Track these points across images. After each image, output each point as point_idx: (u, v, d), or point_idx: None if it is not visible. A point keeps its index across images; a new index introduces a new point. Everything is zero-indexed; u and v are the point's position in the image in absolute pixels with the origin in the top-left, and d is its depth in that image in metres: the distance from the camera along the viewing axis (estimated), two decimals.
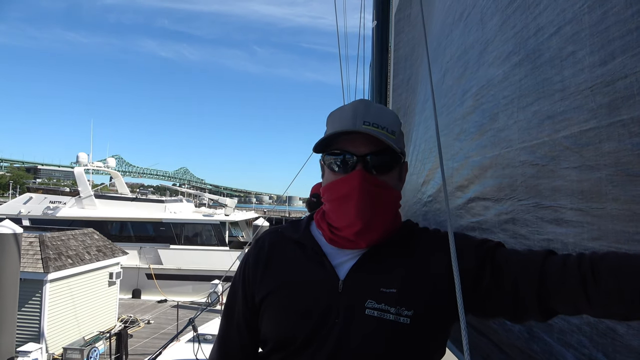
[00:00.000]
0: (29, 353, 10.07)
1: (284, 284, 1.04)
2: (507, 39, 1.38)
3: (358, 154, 0.98)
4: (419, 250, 1.02)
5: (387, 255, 1.01)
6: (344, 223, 1.00)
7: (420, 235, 1.07)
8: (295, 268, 1.04)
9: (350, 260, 1.01)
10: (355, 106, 1.02)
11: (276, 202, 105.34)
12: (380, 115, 1.01)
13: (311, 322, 0.97)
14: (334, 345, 0.94)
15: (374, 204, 0.98)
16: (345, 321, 0.95)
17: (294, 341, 0.98)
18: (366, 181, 0.97)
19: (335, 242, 1.03)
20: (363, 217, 0.97)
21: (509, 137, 1.38)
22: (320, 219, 1.08)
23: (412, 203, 2.96)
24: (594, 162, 0.96)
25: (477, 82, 1.67)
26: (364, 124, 0.97)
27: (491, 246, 0.96)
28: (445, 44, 2.22)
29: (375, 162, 0.99)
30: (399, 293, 0.95)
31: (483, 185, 1.63)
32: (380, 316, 0.94)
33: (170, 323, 15.65)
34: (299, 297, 1.01)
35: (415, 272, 0.99)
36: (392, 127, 1.01)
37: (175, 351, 7.55)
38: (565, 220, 1.09)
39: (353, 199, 0.97)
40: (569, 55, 1.03)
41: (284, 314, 1.01)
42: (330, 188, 1.02)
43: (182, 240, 22.28)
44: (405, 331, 0.93)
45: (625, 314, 0.75)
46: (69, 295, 12.77)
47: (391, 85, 4.22)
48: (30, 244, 12.34)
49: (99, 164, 28.75)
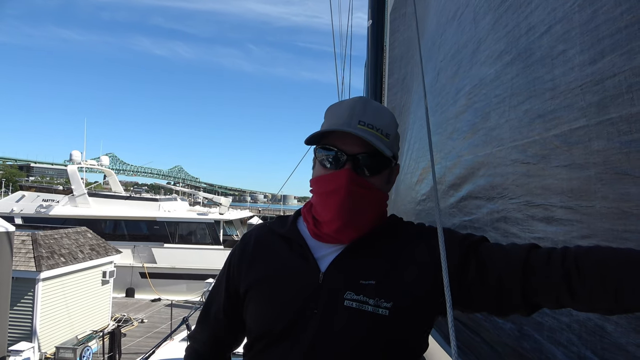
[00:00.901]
0: (21, 352, 10.01)
1: (267, 276, 1.06)
2: (499, 38, 1.39)
3: (349, 153, 0.99)
4: (401, 244, 1.03)
5: (369, 248, 1.02)
6: (326, 218, 1.02)
7: (403, 229, 1.08)
8: (279, 261, 1.06)
9: (333, 253, 1.03)
10: (354, 104, 1.03)
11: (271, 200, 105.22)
12: (378, 116, 1.02)
13: (291, 313, 0.99)
14: (313, 335, 0.96)
15: (357, 204, 0.99)
16: (324, 312, 0.97)
17: (274, 331, 1.00)
18: (353, 181, 0.98)
19: (319, 237, 1.05)
20: (343, 216, 0.99)
21: (500, 136, 1.39)
22: (307, 212, 1.10)
23: (407, 202, 2.96)
24: (584, 161, 0.97)
25: (469, 80, 1.68)
26: (359, 123, 0.99)
27: (475, 241, 0.97)
28: (440, 43, 2.22)
29: (365, 163, 1.00)
30: (378, 285, 0.96)
31: (475, 184, 1.64)
32: (359, 307, 0.95)
33: (164, 322, 15.60)
34: (280, 289, 1.03)
35: (395, 265, 1.00)
36: (387, 129, 1.02)
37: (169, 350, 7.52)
38: (556, 218, 1.10)
39: (337, 197, 0.99)
40: (560, 54, 1.04)
41: (266, 305, 1.04)
42: (318, 182, 1.04)
43: (176, 239, 22.19)
44: (384, 322, 0.94)
45: (608, 308, 0.76)
46: (62, 294, 12.69)
47: (386, 84, 4.23)
48: (22, 242, 12.25)
49: (92, 162, 28.59)
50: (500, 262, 0.90)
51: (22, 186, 26.59)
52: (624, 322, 0.88)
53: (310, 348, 0.96)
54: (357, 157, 0.99)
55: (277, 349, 1.00)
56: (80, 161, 26.03)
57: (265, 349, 1.02)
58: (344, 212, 0.98)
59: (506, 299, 0.89)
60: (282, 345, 0.99)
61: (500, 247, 0.95)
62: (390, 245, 1.03)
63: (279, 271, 1.05)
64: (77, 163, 25.53)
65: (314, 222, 1.06)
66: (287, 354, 0.98)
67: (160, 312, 17.52)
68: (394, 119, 1.07)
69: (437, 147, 2.11)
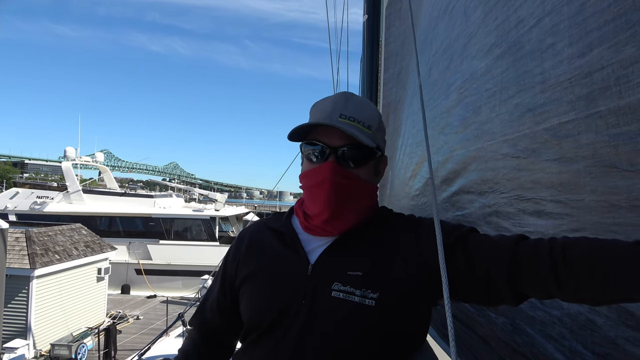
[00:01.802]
0: (15, 349, 9.99)
1: (259, 270, 1.10)
2: (489, 32, 1.39)
3: (332, 146, 1.02)
4: (389, 235, 1.05)
5: (358, 239, 1.04)
6: (315, 211, 1.05)
7: (392, 221, 1.09)
8: (271, 255, 1.10)
9: (323, 246, 1.05)
10: (336, 99, 1.06)
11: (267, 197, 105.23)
12: (359, 109, 1.05)
13: (280, 304, 1.02)
14: (302, 326, 0.99)
15: (343, 195, 1.02)
16: (312, 302, 0.99)
17: (265, 322, 1.03)
18: (337, 173, 1.01)
19: (309, 230, 1.08)
20: (330, 208, 1.01)
21: (491, 130, 1.39)
22: (298, 207, 1.14)
23: (401, 197, 2.96)
24: (573, 154, 0.97)
25: (461, 75, 1.67)
26: (340, 117, 1.02)
27: (463, 231, 0.97)
28: (432, 37, 2.22)
29: (348, 155, 1.02)
30: (365, 276, 0.98)
31: (467, 178, 1.64)
32: (346, 298, 0.97)
33: (160, 318, 15.60)
34: (271, 282, 1.06)
35: (383, 256, 1.01)
36: (369, 121, 1.05)
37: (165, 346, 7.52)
38: (546, 212, 1.10)
39: (323, 189, 1.01)
40: (549, 47, 1.04)
41: (257, 297, 1.07)
42: (305, 176, 1.08)
43: (171, 235, 22.14)
44: (370, 313, 0.95)
45: (594, 298, 0.76)
46: (57, 291, 12.65)
47: (382, 79, 4.22)
48: (16, 239, 12.20)
49: (87, 159, 28.45)
50: (488, 253, 0.91)
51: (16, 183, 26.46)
52: (614, 316, 0.88)
53: (299, 338, 0.98)
54: (340, 150, 1.02)
55: (268, 339, 1.02)
56: (74, 158, 25.90)
57: (257, 339, 1.05)
58: (330, 204, 1.01)
59: (494, 290, 0.90)
60: (273, 336, 1.02)
61: (489, 238, 0.96)
62: (379, 237, 1.05)
63: (270, 264, 1.08)
64: (72, 159, 25.40)
65: (304, 216, 1.09)
66: (277, 344, 1.00)
67: (155, 309, 17.51)
68: (376, 112, 1.10)
69: (429, 141, 2.11)
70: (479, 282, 0.91)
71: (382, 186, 3.83)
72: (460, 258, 0.93)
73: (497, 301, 0.93)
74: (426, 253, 0.97)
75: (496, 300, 0.93)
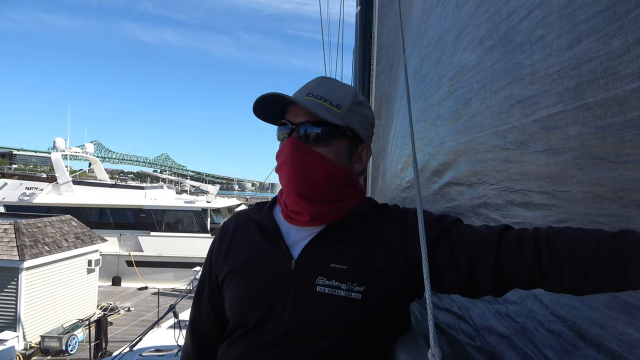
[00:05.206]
0: (5, 341, 9.94)
1: (240, 265, 1.07)
2: (480, 24, 1.39)
3: (294, 122, 1.02)
4: (373, 226, 1.03)
5: (341, 232, 1.03)
6: (285, 192, 1.05)
7: (378, 212, 1.08)
8: (253, 249, 1.07)
9: (306, 239, 1.03)
10: (311, 81, 1.07)
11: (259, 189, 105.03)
12: (330, 89, 1.05)
13: (265, 301, 1.00)
14: (288, 322, 0.97)
15: (305, 172, 1.00)
16: (297, 299, 0.97)
17: (250, 320, 1.01)
18: (296, 149, 1.00)
19: (289, 218, 1.06)
20: (294, 184, 1.01)
21: (481, 122, 1.40)
22: (280, 196, 1.11)
23: (392, 189, 2.97)
24: (561, 146, 0.98)
25: (452, 67, 1.68)
26: (307, 95, 1.03)
27: (448, 222, 0.97)
28: (424, 30, 2.22)
29: (311, 131, 1.01)
30: (350, 269, 0.97)
31: (457, 170, 1.65)
32: (332, 293, 0.95)
33: (151, 310, 15.58)
34: (253, 278, 1.04)
35: (368, 248, 1.00)
36: (338, 100, 1.04)
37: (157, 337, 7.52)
38: (534, 203, 1.11)
39: (286, 166, 1.01)
40: (538, 39, 1.04)
41: (240, 294, 1.05)
42: (276, 158, 1.06)
43: (162, 227, 22.06)
44: (357, 307, 0.94)
45: (578, 288, 0.77)
46: (47, 283, 12.57)
47: (374, 72, 4.21)
48: (4, 230, 12.08)
49: (77, 150, 28.17)
50: (472, 244, 0.90)
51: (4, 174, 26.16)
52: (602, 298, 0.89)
53: (286, 335, 0.97)
54: (302, 126, 1.01)
55: (253, 338, 1.01)
56: (64, 149, 25.61)
57: (241, 337, 1.03)
58: (292, 180, 1.01)
59: (477, 281, 0.89)
60: (259, 333, 1.00)
61: (473, 228, 0.95)
62: (363, 229, 1.03)
63: (252, 260, 1.06)
64: (61, 150, 25.13)
65: (284, 204, 1.07)
66: (263, 342, 0.99)
67: (147, 300, 17.48)
68: (351, 94, 1.07)
69: (421, 133, 2.12)
70: (463, 273, 0.90)
71: (374, 178, 3.84)
72: (443, 249, 0.92)
73: (481, 292, 0.93)
74: (411, 244, 0.97)
75: (480, 291, 0.92)
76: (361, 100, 1.09)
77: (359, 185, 1.13)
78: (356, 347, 0.97)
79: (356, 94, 1.09)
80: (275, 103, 1.04)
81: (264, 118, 1.07)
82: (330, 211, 1.04)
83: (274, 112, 1.06)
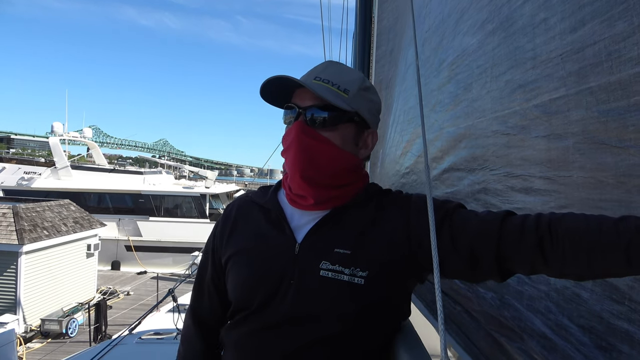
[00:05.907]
0: (5, 324, 10.01)
1: (244, 248, 1.07)
2: (482, 7, 1.37)
3: (301, 106, 1.01)
4: (377, 211, 1.03)
5: (345, 217, 1.02)
6: (290, 175, 1.04)
7: (381, 197, 1.07)
8: (257, 232, 1.07)
9: (310, 223, 1.03)
10: (319, 65, 1.06)
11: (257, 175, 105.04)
12: (338, 73, 1.04)
13: (268, 285, 1.00)
14: (290, 306, 0.97)
15: (311, 156, 1.00)
16: (301, 283, 0.97)
17: (253, 303, 1.01)
18: (303, 132, 0.99)
19: (294, 202, 1.06)
20: (299, 168, 1.00)
21: (482, 107, 1.38)
22: (285, 179, 1.10)
23: (391, 175, 2.97)
24: (562, 131, 0.97)
25: (452, 51, 1.66)
26: (315, 79, 1.01)
27: (450, 207, 0.96)
28: (425, 14, 2.19)
29: (318, 115, 1.00)
30: (354, 254, 0.97)
31: (457, 156, 1.64)
32: (335, 277, 0.95)
33: (150, 294, 15.67)
34: (257, 261, 1.04)
35: (371, 233, 1.00)
36: (346, 85, 1.02)
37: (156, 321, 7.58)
38: (534, 189, 1.10)
39: (292, 150, 1.01)
40: (541, 22, 1.02)
41: (243, 277, 1.04)
42: (282, 142, 1.06)
43: (161, 212, 22.09)
44: (360, 291, 0.95)
45: (579, 273, 0.77)
46: (46, 267, 12.62)
47: (374, 56, 4.17)
48: (3, 215, 12.09)
49: (75, 134, 28.06)
50: (475, 229, 0.90)
51: (2, 158, 26.06)
52: (599, 290, 0.89)
53: (289, 319, 0.97)
54: (309, 110, 1.00)
55: (256, 320, 1.01)
56: (62, 133, 25.52)
57: (244, 320, 1.03)
58: (298, 164, 1.00)
59: (480, 266, 0.89)
60: (261, 316, 1.00)
61: (476, 214, 0.94)
62: (367, 214, 1.03)
63: (256, 243, 1.06)
64: (59, 135, 25.03)
65: (289, 187, 1.06)
66: (266, 325, 0.99)
67: (146, 285, 17.58)
68: (359, 78, 1.06)
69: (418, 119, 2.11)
70: (465, 258, 0.90)
71: (373, 164, 3.83)
72: (446, 234, 0.92)
73: (483, 277, 0.93)
74: (414, 229, 0.97)
75: (482, 276, 0.93)
76: (369, 85, 1.09)
77: (364, 171, 1.12)
78: (357, 332, 0.97)
79: (364, 79, 1.08)
80: (283, 86, 1.03)
81: (271, 101, 1.06)
82: (334, 196, 1.03)
83: (280, 95, 1.05)
